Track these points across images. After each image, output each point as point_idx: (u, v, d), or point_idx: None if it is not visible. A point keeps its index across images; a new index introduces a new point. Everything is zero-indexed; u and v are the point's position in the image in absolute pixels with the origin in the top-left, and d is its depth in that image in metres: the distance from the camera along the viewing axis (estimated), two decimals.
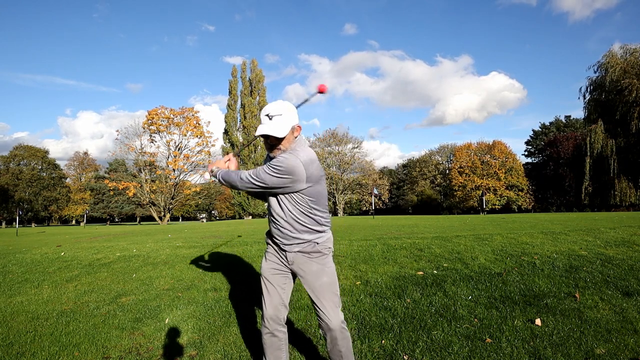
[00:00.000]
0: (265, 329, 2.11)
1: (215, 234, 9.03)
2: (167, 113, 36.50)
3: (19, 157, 52.58)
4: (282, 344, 2.13)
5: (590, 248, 5.14)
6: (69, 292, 4.37)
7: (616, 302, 3.21)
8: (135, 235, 10.33)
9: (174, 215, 60.31)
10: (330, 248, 2.14)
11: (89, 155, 64.64)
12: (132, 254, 6.03)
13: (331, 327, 2.02)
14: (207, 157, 38.10)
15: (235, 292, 4.03)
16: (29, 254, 6.64)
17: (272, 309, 2.11)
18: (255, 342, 2.91)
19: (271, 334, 2.11)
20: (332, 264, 2.13)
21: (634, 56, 33.10)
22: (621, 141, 33.28)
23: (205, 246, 6.33)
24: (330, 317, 2.02)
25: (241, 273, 4.64)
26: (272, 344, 2.11)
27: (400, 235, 6.88)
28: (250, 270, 4.72)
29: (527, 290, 3.59)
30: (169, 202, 36.42)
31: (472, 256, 4.86)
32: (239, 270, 4.76)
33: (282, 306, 2.12)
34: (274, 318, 2.10)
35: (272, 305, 2.11)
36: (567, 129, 50.79)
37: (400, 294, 3.66)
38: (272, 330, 2.10)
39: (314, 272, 2.06)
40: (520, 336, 2.70)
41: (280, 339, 2.12)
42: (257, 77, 42.10)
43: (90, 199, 58.38)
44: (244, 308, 3.57)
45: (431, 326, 2.93)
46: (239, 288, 4.12)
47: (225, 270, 4.79)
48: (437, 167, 56.86)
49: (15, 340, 3.06)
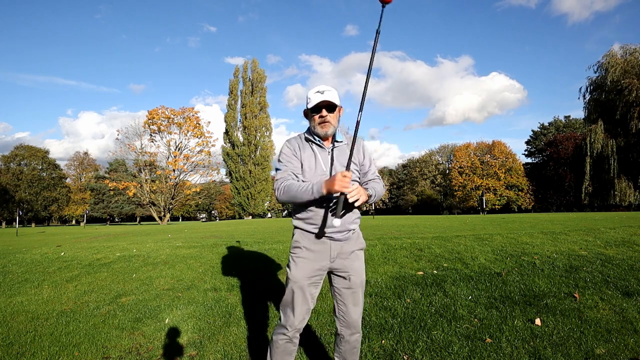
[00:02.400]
0: (283, 335, 1.96)
1: (215, 234, 9.03)
2: (168, 113, 36.51)
3: (19, 157, 52.59)
4: (295, 349, 2.01)
5: (590, 248, 5.13)
6: (69, 292, 4.36)
7: (616, 302, 3.21)
8: (135, 235, 10.33)
9: (174, 215, 60.38)
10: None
11: (89, 155, 64.74)
12: (132, 254, 6.03)
13: (359, 330, 2.05)
14: (207, 157, 38.13)
15: (235, 292, 4.03)
16: (29, 254, 6.64)
17: (299, 319, 1.96)
18: (256, 342, 2.91)
19: (288, 340, 1.96)
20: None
21: (634, 56, 33.06)
22: (621, 141, 33.26)
23: (205, 246, 6.33)
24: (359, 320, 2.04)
25: (241, 273, 4.63)
26: (286, 349, 1.97)
27: (400, 235, 6.88)
28: (250, 270, 4.72)
29: (527, 290, 3.59)
30: (169, 202, 36.42)
31: (472, 256, 4.86)
32: (239, 270, 4.76)
33: (308, 314, 2.00)
34: (297, 327, 1.96)
35: (300, 314, 1.96)
36: (566, 129, 50.79)
37: (400, 294, 3.66)
38: (292, 337, 1.96)
39: (356, 269, 2.01)
40: (520, 336, 2.70)
41: (295, 344, 2.00)
42: (259, 77, 42.11)
43: (91, 199, 58.41)
44: (244, 308, 3.57)
45: (431, 326, 2.93)
46: (239, 288, 4.12)
47: (225, 270, 4.79)
48: (437, 167, 56.82)
49: (15, 340, 3.06)
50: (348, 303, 2.00)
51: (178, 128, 36.99)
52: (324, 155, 2.01)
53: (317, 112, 1.96)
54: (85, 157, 63.91)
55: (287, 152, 2.03)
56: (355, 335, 2.02)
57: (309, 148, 2.03)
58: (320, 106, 1.95)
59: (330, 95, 1.94)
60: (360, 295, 2.03)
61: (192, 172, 38.08)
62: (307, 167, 2.00)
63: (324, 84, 2.02)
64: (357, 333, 2.03)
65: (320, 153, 2.02)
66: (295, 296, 1.94)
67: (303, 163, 2.00)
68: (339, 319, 2.03)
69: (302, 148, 2.03)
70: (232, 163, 41.77)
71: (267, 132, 42.46)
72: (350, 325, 2.01)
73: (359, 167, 2.09)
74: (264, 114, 42.12)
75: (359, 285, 2.01)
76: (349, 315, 2.00)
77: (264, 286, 4.13)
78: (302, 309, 1.95)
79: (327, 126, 1.96)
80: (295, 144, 2.05)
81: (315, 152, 2.02)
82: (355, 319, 2.01)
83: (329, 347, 2.77)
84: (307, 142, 2.05)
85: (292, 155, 2.02)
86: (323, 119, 1.96)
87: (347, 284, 2.00)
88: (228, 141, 42.00)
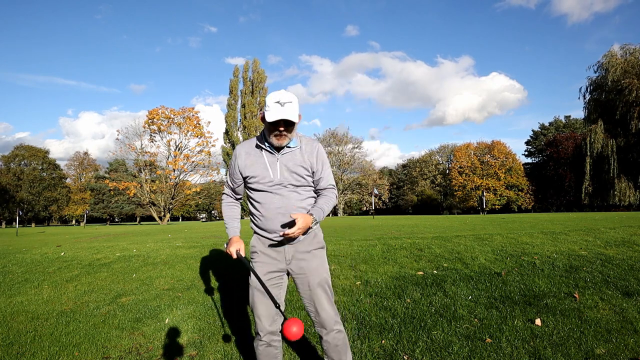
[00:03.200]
0: (260, 340, 1.97)
1: (215, 234, 9.03)
2: (168, 113, 36.55)
3: (19, 157, 52.62)
4: (278, 352, 2.02)
5: (590, 248, 5.13)
6: (69, 292, 4.37)
7: (616, 302, 3.21)
8: (135, 235, 10.33)
9: (174, 215, 60.36)
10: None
11: (89, 155, 64.77)
12: (132, 254, 6.03)
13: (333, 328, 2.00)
14: (207, 157, 38.14)
15: (235, 292, 4.03)
16: (29, 254, 6.64)
17: (269, 322, 1.96)
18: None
19: (267, 344, 1.97)
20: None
21: (634, 56, 33.06)
22: (621, 141, 33.27)
23: (205, 246, 6.33)
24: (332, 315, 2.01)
25: (241, 273, 4.63)
26: (269, 353, 1.99)
27: (400, 235, 6.88)
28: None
29: (527, 290, 3.59)
30: (169, 202, 36.43)
31: (472, 256, 4.86)
32: (239, 270, 4.76)
33: (278, 315, 1.99)
34: (269, 330, 1.96)
35: (268, 317, 1.96)
36: (566, 129, 50.82)
37: (400, 294, 3.66)
38: (269, 342, 1.97)
39: (313, 269, 2.00)
40: (520, 336, 2.70)
41: (276, 347, 2.01)
42: (259, 77, 42.08)
43: (91, 199, 58.42)
44: (244, 308, 3.57)
45: (431, 326, 2.93)
46: (239, 288, 4.12)
47: (225, 270, 4.79)
48: (437, 167, 56.84)
49: (15, 340, 3.06)
50: (313, 303, 1.99)
51: (178, 128, 37.04)
52: (272, 162, 1.98)
53: (274, 125, 1.87)
54: (85, 157, 63.94)
55: (232, 165, 2.10)
56: (331, 333, 1.98)
57: (258, 153, 2.01)
58: (279, 122, 1.86)
59: (289, 111, 1.83)
60: (323, 294, 1.99)
61: (192, 172, 38.13)
62: (253, 173, 1.99)
63: (284, 90, 1.90)
64: (334, 331, 1.98)
65: (269, 159, 1.99)
66: (257, 299, 1.96)
67: (248, 171, 2.00)
68: (312, 319, 2.04)
69: (250, 154, 2.02)
70: None
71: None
72: (322, 324, 1.99)
73: (311, 173, 2.02)
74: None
75: (317, 285, 1.98)
76: (318, 315, 1.99)
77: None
78: (267, 311, 1.96)
79: (283, 139, 1.91)
80: (242, 150, 2.05)
81: (264, 157, 1.99)
82: (324, 317, 1.97)
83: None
84: (257, 147, 2.02)
85: (235, 168, 2.07)
86: (280, 132, 1.89)
87: (306, 284, 1.99)
88: (228, 141, 41.98)
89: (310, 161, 2.00)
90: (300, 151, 2.00)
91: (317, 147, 2.05)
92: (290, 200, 1.96)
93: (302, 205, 1.99)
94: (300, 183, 1.99)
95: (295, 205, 1.97)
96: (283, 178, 1.96)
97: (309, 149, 2.02)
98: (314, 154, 2.02)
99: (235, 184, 2.13)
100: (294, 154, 1.99)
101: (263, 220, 1.99)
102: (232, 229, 2.12)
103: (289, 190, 1.97)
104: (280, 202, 1.95)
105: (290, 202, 1.96)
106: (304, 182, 2.00)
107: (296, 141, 2.00)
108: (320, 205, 1.99)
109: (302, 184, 2.00)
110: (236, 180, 2.10)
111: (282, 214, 1.95)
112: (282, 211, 1.95)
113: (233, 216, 2.18)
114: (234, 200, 2.21)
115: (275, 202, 1.96)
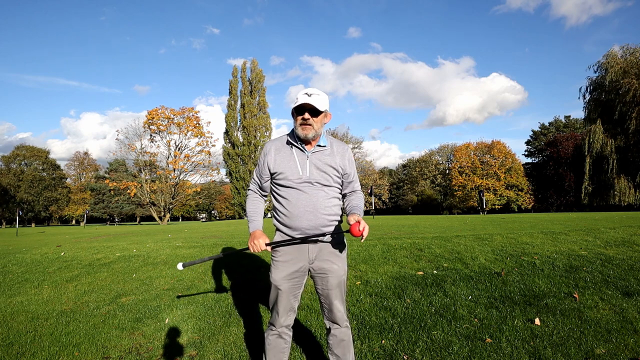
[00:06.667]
0: (272, 331, 2.05)
1: (215, 234, 9.02)
2: (167, 113, 36.55)
3: (20, 157, 52.61)
4: (287, 347, 2.07)
5: (590, 248, 5.13)
6: (69, 292, 4.37)
7: (616, 302, 3.21)
8: (135, 235, 10.33)
9: (174, 215, 60.35)
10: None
11: (89, 155, 64.81)
12: (132, 254, 6.03)
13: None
14: (207, 157, 38.14)
15: (235, 292, 4.03)
16: (29, 254, 6.64)
17: (284, 317, 2.04)
18: (255, 342, 2.91)
19: (278, 335, 2.05)
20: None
21: (634, 56, 33.03)
22: (621, 141, 33.26)
23: (205, 246, 6.33)
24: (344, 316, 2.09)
25: (241, 273, 4.63)
26: (277, 345, 2.05)
27: (400, 235, 6.88)
28: (250, 269, 4.72)
29: (527, 290, 3.59)
30: (169, 202, 36.43)
31: (472, 256, 4.86)
32: (239, 270, 4.76)
33: (293, 311, 2.08)
34: (283, 324, 2.04)
35: (284, 312, 2.04)
36: (566, 129, 50.83)
37: (400, 294, 3.66)
38: (280, 333, 2.05)
39: (334, 270, 2.02)
40: (520, 336, 2.70)
41: (286, 341, 2.07)
42: (257, 77, 42.07)
43: (91, 199, 58.44)
44: (244, 308, 3.57)
45: (431, 326, 2.93)
46: (239, 288, 4.12)
47: (225, 270, 4.79)
48: (437, 167, 56.81)
49: (15, 340, 3.06)
50: (329, 301, 2.05)
51: (178, 128, 37.03)
52: (302, 159, 2.01)
53: (300, 113, 1.95)
54: (85, 157, 64.01)
55: (261, 160, 2.12)
56: (340, 329, 2.07)
57: (288, 150, 2.04)
58: (304, 108, 1.93)
59: (316, 100, 1.91)
60: (339, 293, 2.05)
61: (192, 172, 38.14)
62: (282, 170, 2.01)
63: (313, 87, 2.00)
64: (343, 327, 2.07)
65: (298, 156, 2.02)
66: (277, 297, 2.02)
67: (277, 167, 2.03)
68: (324, 314, 2.11)
69: (279, 151, 2.06)
70: (232, 163, 41.77)
71: (267, 132, 42.43)
72: (333, 319, 2.06)
73: (342, 174, 2.08)
74: (264, 114, 42.12)
75: (336, 286, 2.04)
76: (331, 312, 2.06)
77: (264, 285, 4.12)
78: (284, 307, 2.03)
79: (308, 129, 1.95)
80: (272, 147, 2.08)
81: (294, 155, 2.02)
82: (337, 314, 2.05)
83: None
84: (288, 144, 2.06)
85: (263, 164, 2.09)
86: (305, 121, 1.94)
87: (325, 284, 2.03)
88: (228, 141, 41.98)
89: (341, 163, 2.06)
90: (331, 152, 2.05)
91: (347, 149, 2.12)
92: (317, 199, 1.99)
93: (327, 205, 2.02)
94: (328, 182, 2.03)
95: (322, 204, 2.00)
96: (312, 176, 1.99)
97: (340, 151, 2.07)
98: (346, 156, 2.08)
99: (262, 180, 2.14)
100: (323, 153, 2.04)
101: (288, 216, 2.01)
102: (256, 222, 2.14)
103: (317, 189, 2.00)
104: (307, 199, 1.99)
105: (316, 200, 1.99)
106: (332, 181, 2.04)
107: (326, 141, 2.05)
108: (360, 206, 2.06)
109: (330, 183, 2.04)
110: (264, 176, 2.12)
111: (308, 211, 1.98)
112: (309, 209, 1.98)
113: (257, 211, 2.19)
114: (259, 196, 2.23)
115: (301, 200, 1.99)
